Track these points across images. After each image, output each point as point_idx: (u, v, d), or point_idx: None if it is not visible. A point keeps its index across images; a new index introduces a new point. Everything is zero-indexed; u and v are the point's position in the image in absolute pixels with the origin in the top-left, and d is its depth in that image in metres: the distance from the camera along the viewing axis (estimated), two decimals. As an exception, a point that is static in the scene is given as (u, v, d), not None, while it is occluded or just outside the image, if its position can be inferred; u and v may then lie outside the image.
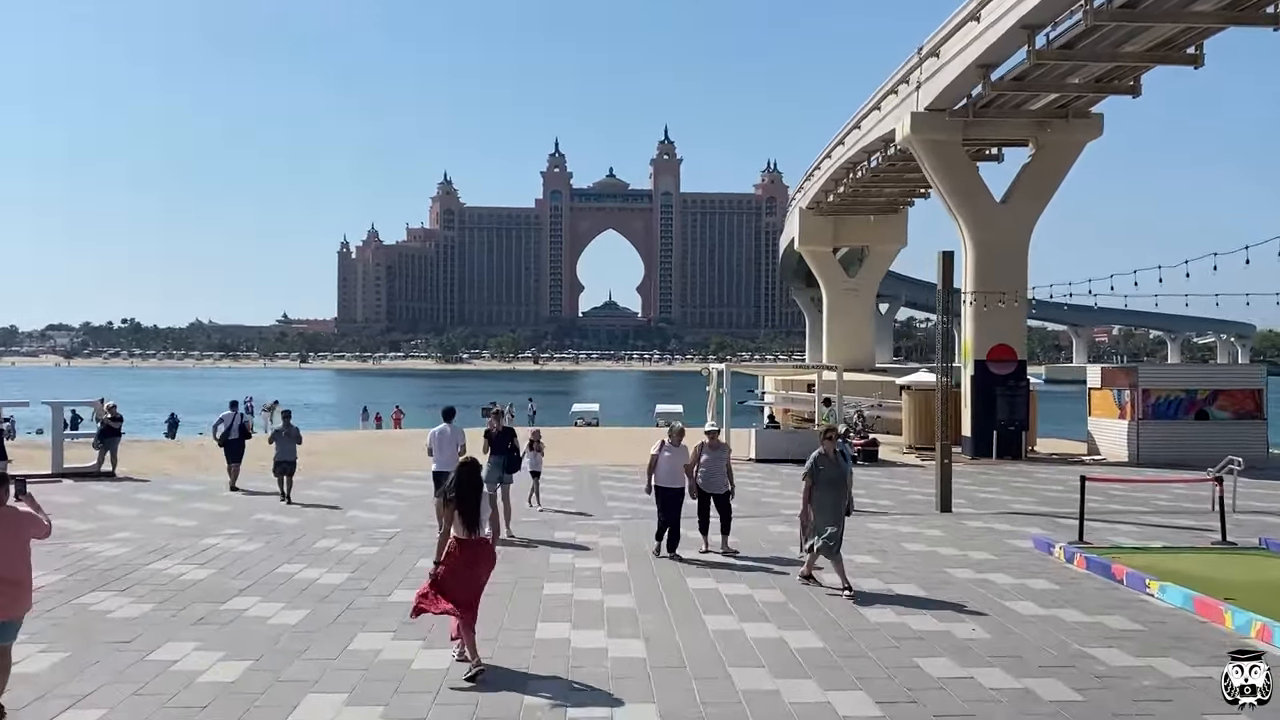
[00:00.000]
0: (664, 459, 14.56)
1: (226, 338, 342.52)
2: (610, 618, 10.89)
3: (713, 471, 14.65)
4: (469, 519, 9.03)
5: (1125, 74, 28.86)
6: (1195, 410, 31.74)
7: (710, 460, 14.66)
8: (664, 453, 14.59)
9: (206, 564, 13.85)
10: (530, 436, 20.51)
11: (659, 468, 14.56)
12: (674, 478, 14.52)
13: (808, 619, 10.93)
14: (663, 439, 14.78)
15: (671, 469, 14.54)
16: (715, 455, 14.73)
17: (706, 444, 14.72)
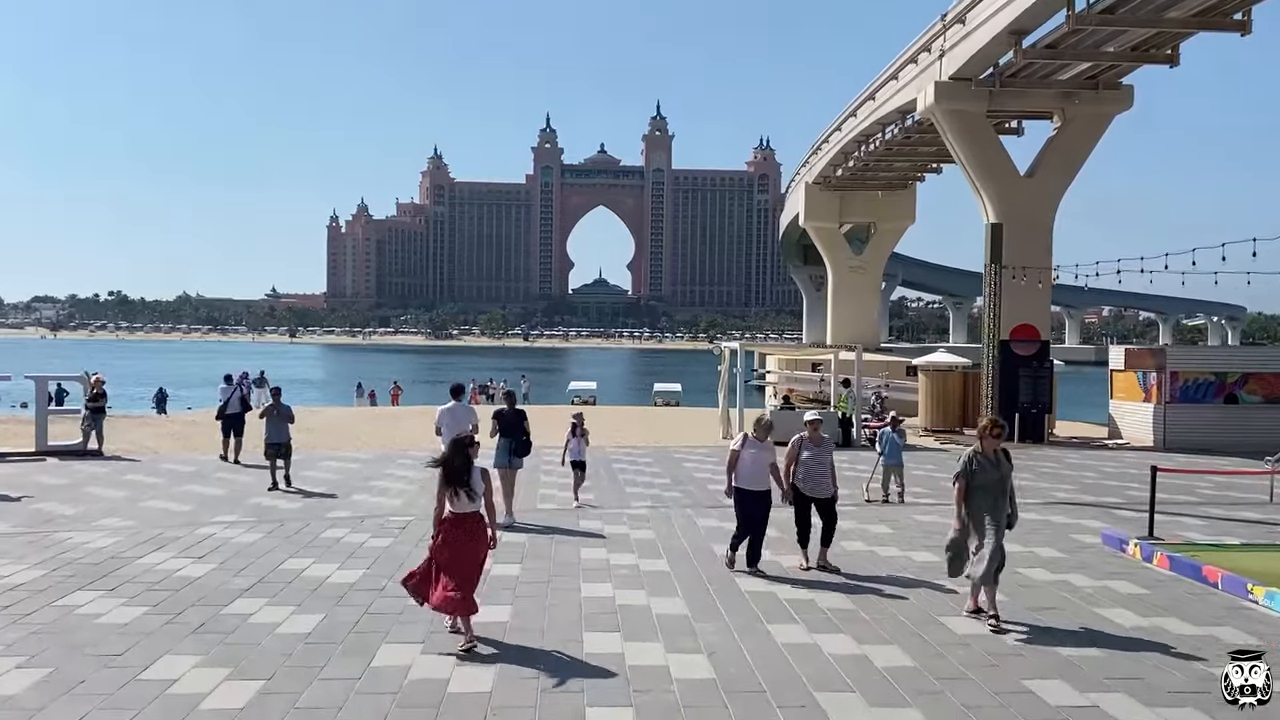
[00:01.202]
0: (747, 457, 12.16)
1: (215, 311, 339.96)
2: (664, 627, 9.68)
3: (815, 471, 12.38)
4: (461, 489, 9.15)
5: (1164, 42, 27.55)
6: (1224, 394, 30.66)
7: (812, 458, 12.37)
8: (747, 449, 12.19)
9: (204, 558, 12.58)
10: (573, 420, 18.14)
11: (741, 467, 12.18)
12: (759, 478, 12.15)
13: (886, 630, 9.73)
14: (745, 432, 12.50)
15: (756, 468, 12.13)
16: (818, 452, 12.42)
17: (806, 438, 12.44)
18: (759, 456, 12.20)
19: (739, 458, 12.19)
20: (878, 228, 58.76)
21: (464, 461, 9.26)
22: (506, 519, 15.33)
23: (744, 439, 12.34)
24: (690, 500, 18.21)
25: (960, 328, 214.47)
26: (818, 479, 12.39)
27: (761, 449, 12.23)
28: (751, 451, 12.19)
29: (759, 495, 12.16)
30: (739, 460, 12.19)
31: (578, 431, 17.92)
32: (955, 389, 35.75)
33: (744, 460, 12.17)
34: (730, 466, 12.25)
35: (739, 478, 12.16)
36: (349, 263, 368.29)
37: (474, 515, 9.22)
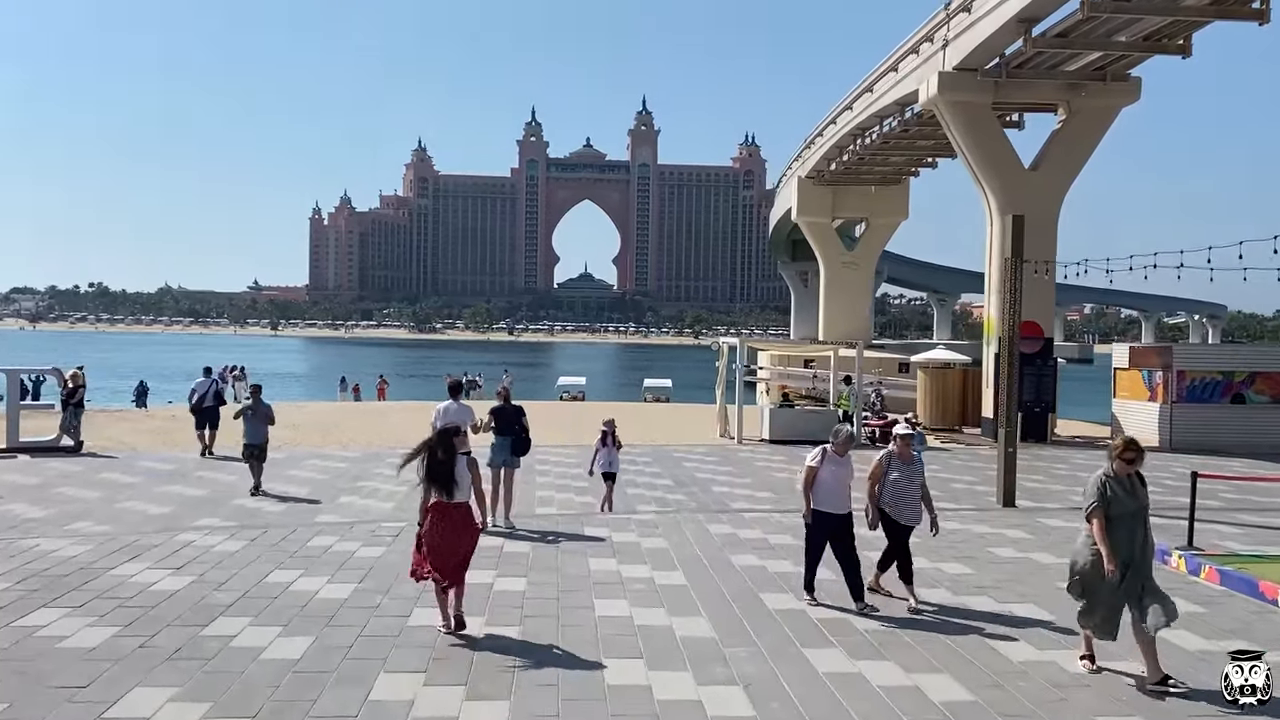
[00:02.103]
0: (827, 474, 10.41)
1: (196, 303, 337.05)
2: (690, 652, 8.80)
3: (905, 493, 10.53)
4: (445, 485, 9.18)
5: (1178, 31, 26.80)
6: (1232, 394, 30.01)
7: (903, 478, 10.53)
8: (827, 465, 10.42)
9: (183, 569, 11.61)
10: (603, 428, 16.81)
11: (820, 485, 10.44)
12: (840, 499, 10.45)
13: (934, 656, 8.88)
14: (824, 446, 10.60)
15: (837, 487, 10.44)
16: (909, 471, 10.57)
17: (894, 453, 10.66)
18: (840, 474, 10.47)
19: (818, 475, 10.46)
20: (871, 223, 58.02)
21: (448, 453, 9.27)
22: (505, 524, 14.45)
23: (822, 454, 10.49)
24: (697, 504, 17.35)
25: (944, 324, 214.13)
26: (907, 502, 10.58)
27: (842, 465, 10.49)
28: (832, 468, 10.42)
29: (840, 519, 10.48)
30: (819, 478, 10.45)
31: (609, 440, 16.56)
32: (955, 386, 35.07)
33: (823, 479, 10.41)
34: (808, 486, 10.50)
35: (818, 498, 10.45)
36: (331, 255, 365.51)
37: (461, 505, 9.30)
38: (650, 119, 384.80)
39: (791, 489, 19.49)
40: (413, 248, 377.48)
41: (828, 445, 10.57)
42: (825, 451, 10.52)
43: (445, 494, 9.18)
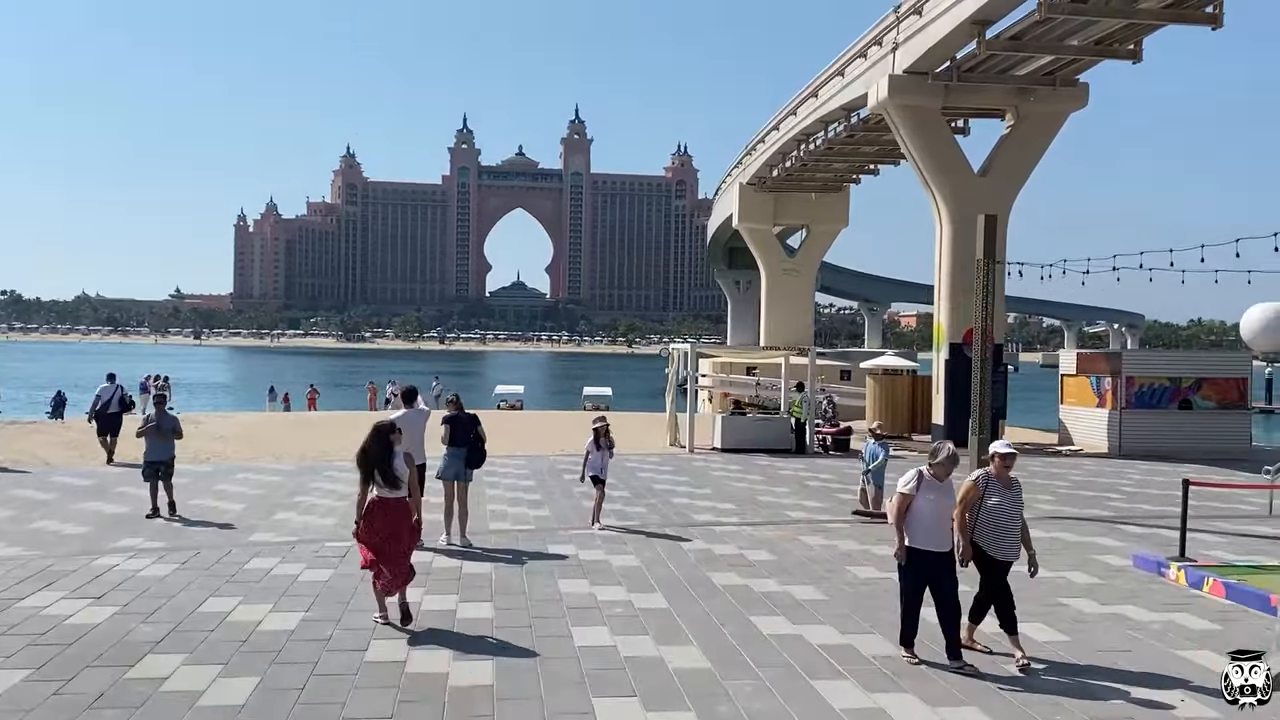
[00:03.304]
0: (925, 504, 8.52)
1: (115, 312, 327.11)
2: (689, 688, 7.86)
3: (1005, 522, 8.68)
4: (386, 478, 9.39)
5: (1130, 36, 26.70)
6: (1179, 399, 30.04)
7: (1004, 504, 8.71)
8: (925, 493, 8.53)
9: (104, 598, 10.36)
10: (595, 426, 15.16)
11: (915, 517, 8.53)
12: (940, 533, 8.54)
13: (957, 688, 8.08)
14: (919, 470, 8.69)
15: (937, 519, 8.52)
16: (1010, 496, 8.77)
17: (991, 475, 8.82)
18: (940, 504, 8.54)
19: (913, 505, 8.55)
20: (811, 230, 57.70)
21: (384, 449, 9.52)
22: (461, 542, 13.40)
23: (918, 478, 8.60)
24: (660, 517, 16.44)
25: (875, 333, 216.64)
26: (1007, 533, 8.69)
27: (942, 492, 8.59)
28: (930, 496, 8.52)
29: (941, 559, 8.56)
30: (914, 508, 8.54)
31: (601, 442, 15.07)
32: (904, 393, 34.72)
33: (920, 509, 8.52)
34: (900, 518, 8.57)
35: (913, 533, 8.55)
36: (257, 263, 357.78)
37: (398, 501, 9.49)
38: (583, 128, 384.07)
39: (753, 500, 18.73)
40: (341, 255, 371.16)
41: (923, 469, 8.68)
42: (921, 476, 8.62)
43: (385, 487, 9.40)
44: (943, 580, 8.56)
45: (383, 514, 9.41)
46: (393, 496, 9.45)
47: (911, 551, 8.59)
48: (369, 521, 9.39)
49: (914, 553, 8.59)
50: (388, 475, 9.42)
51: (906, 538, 8.58)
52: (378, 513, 9.42)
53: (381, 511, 9.42)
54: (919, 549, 8.58)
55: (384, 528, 9.35)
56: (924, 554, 8.58)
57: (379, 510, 9.42)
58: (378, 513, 9.42)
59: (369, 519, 9.41)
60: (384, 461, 9.44)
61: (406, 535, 9.53)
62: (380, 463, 9.42)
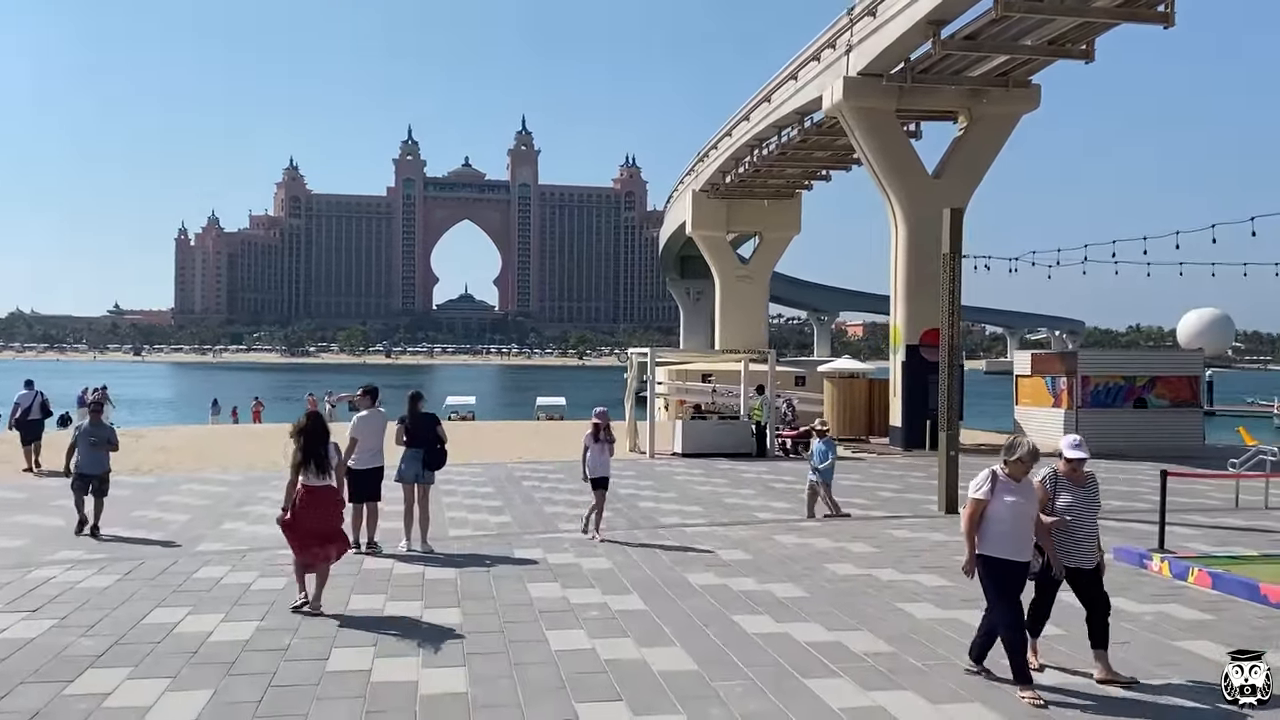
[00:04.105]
0: (1003, 508, 7.37)
1: (51, 329, 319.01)
2: (676, 690, 7.38)
3: (1079, 526, 7.74)
4: (319, 464, 9.57)
5: (1083, 35, 26.82)
6: (1134, 398, 30.23)
7: (1078, 506, 7.75)
8: (1002, 495, 7.39)
9: (39, 611, 9.64)
10: (594, 421, 13.97)
11: (991, 523, 7.41)
12: (1021, 540, 7.43)
13: (956, 684, 7.69)
14: (991, 470, 7.55)
15: (1015, 525, 7.37)
16: (1084, 496, 7.82)
17: (1061, 473, 7.82)
18: (1020, 507, 7.37)
19: (989, 510, 7.41)
20: (764, 237, 57.70)
21: (321, 432, 9.75)
22: (423, 548, 12.80)
23: (991, 480, 7.45)
24: (627, 521, 15.99)
25: (824, 342, 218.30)
26: (1082, 538, 7.74)
27: (1021, 494, 7.42)
28: (1009, 499, 7.37)
29: (1021, 569, 7.47)
30: (990, 514, 7.41)
31: (601, 436, 13.80)
32: (861, 397, 34.61)
33: (998, 513, 7.37)
34: (973, 525, 7.45)
35: (988, 539, 7.40)
36: (198, 277, 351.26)
37: (325, 488, 9.70)
38: (530, 139, 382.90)
39: (719, 503, 18.33)
40: (284, 269, 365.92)
41: (996, 468, 7.50)
42: (995, 476, 7.46)
43: (316, 473, 9.56)
44: (1009, 588, 7.40)
45: (310, 500, 9.53)
46: (320, 484, 9.62)
47: (989, 561, 7.39)
48: (299, 508, 9.51)
49: (989, 562, 7.40)
50: (321, 461, 9.60)
51: (980, 546, 7.42)
52: (306, 500, 9.53)
53: (309, 498, 9.54)
54: (998, 558, 7.37)
55: (312, 514, 9.49)
56: (1002, 564, 7.37)
57: (307, 497, 9.54)
58: (306, 500, 9.53)
59: (299, 505, 9.52)
60: (320, 446, 9.63)
61: (335, 519, 9.79)
62: (316, 447, 9.60)
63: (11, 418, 23.15)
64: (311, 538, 9.50)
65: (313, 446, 9.62)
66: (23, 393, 23.20)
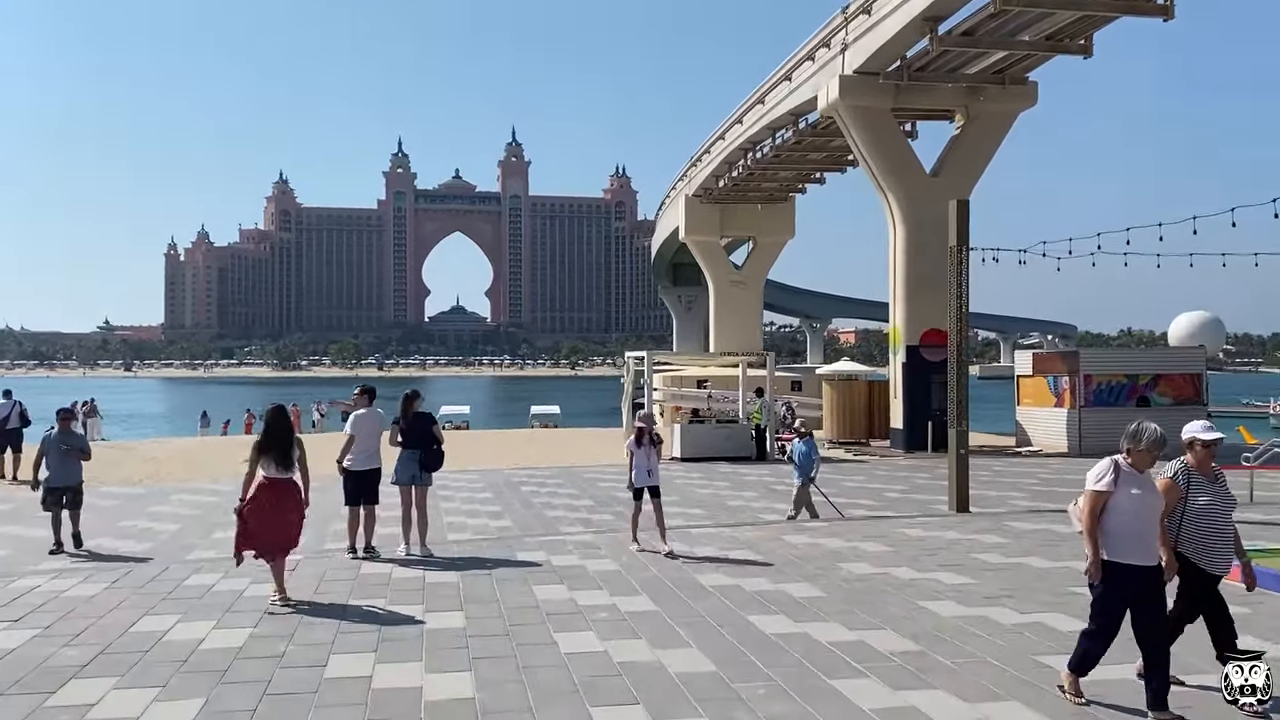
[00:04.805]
0: (1125, 500, 6.37)
1: (41, 345, 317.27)
2: (696, 692, 6.98)
3: (1216, 525, 6.73)
4: (281, 458, 9.64)
5: (1080, 30, 26.57)
6: (1136, 397, 29.93)
7: (1215, 503, 6.75)
8: (1125, 489, 6.39)
9: (22, 620, 9.20)
10: (638, 424, 12.86)
11: (1114, 518, 6.39)
12: (1147, 541, 6.44)
13: (992, 681, 7.30)
14: (1113, 459, 6.54)
15: (1141, 522, 6.39)
16: (1219, 493, 6.82)
17: (1191, 466, 6.80)
18: (1147, 501, 6.41)
19: (1112, 505, 6.40)
20: (758, 242, 57.34)
21: (286, 426, 9.93)
22: (422, 551, 12.38)
23: (1114, 471, 6.46)
24: (628, 522, 15.51)
25: (816, 349, 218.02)
26: (1219, 539, 6.75)
27: (1146, 487, 6.45)
28: (1135, 492, 6.38)
29: (1149, 574, 6.46)
30: (1112, 508, 6.40)
31: (644, 440, 12.62)
32: (861, 399, 34.26)
33: (1121, 508, 6.37)
34: (1095, 522, 6.41)
35: (1109, 541, 6.40)
36: (188, 292, 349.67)
37: (287, 482, 9.72)
38: (520, 150, 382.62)
39: (722, 505, 17.95)
40: (275, 283, 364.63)
41: (1119, 457, 6.52)
42: (1118, 467, 6.47)
43: (279, 466, 9.62)
44: (1150, 602, 6.44)
45: (272, 493, 9.60)
46: (282, 477, 9.68)
47: (1112, 567, 6.40)
48: (256, 500, 9.54)
49: (1114, 568, 6.39)
50: (286, 455, 9.68)
51: (1102, 549, 6.43)
52: (267, 492, 9.59)
53: (271, 491, 9.60)
54: (1121, 563, 6.38)
55: (270, 507, 9.53)
56: (1129, 570, 6.37)
57: (269, 490, 9.61)
58: (267, 492, 9.59)
59: (256, 498, 9.55)
60: (285, 440, 9.72)
61: (295, 514, 9.80)
62: (281, 441, 9.69)
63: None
64: (265, 531, 9.49)
65: (275, 437, 9.69)
66: (1, 402, 23.03)
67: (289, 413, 10.27)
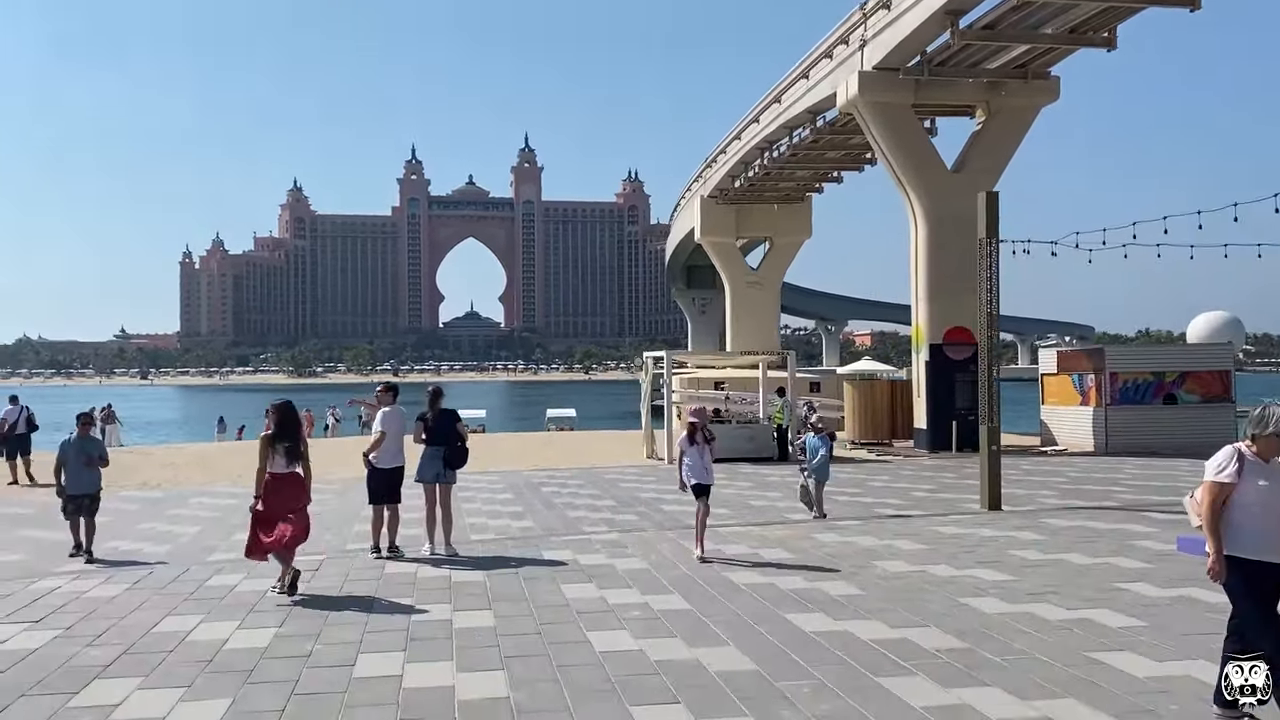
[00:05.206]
0: (1251, 491, 5.84)
1: (59, 354, 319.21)
2: (739, 691, 6.72)
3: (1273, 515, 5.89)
4: (290, 453, 10.04)
5: (1104, 23, 26.21)
6: (1163, 394, 29.49)
7: (1273, 489, 5.88)
8: (1251, 479, 5.83)
9: (44, 621, 9.02)
10: (691, 420, 12.03)
11: (1238, 512, 5.88)
12: (1274, 538, 5.85)
13: (1044, 677, 7.02)
14: (1235, 447, 5.97)
15: (1268, 517, 5.83)
16: None
17: (1243, 453, 5.96)
18: (1274, 493, 5.83)
19: (1236, 498, 5.87)
20: (774, 242, 57.07)
21: (296, 420, 10.32)
22: (447, 551, 12.15)
23: (1237, 460, 5.88)
24: (652, 524, 15.30)
25: (833, 352, 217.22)
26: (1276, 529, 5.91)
27: (1276, 477, 5.84)
28: (1262, 483, 5.83)
29: (1275, 571, 5.85)
30: (1236, 502, 5.87)
31: (698, 437, 11.88)
32: (883, 399, 33.88)
33: (1246, 501, 5.85)
34: (1215, 516, 5.89)
35: (1236, 537, 5.87)
36: (204, 300, 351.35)
37: (291, 476, 10.11)
38: (533, 156, 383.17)
39: (746, 505, 17.66)
40: (290, 290, 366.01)
41: (1241, 446, 5.94)
42: (1241, 456, 5.88)
43: (286, 459, 10.01)
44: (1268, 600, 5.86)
45: (278, 487, 9.98)
46: (287, 471, 10.04)
47: (1237, 563, 5.85)
48: (266, 496, 9.94)
49: (1240, 564, 5.84)
50: (293, 450, 10.06)
51: (1225, 544, 5.89)
52: (274, 487, 9.98)
53: (276, 485, 9.98)
54: (1249, 559, 5.82)
55: (280, 499, 9.92)
56: (1256, 566, 5.81)
57: (274, 484, 9.99)
58: (274, 487, 9.98)
59: (266, 492, 9.96)
60: (293, 436, 10.10)
61: (301, 504, 10.11)
62: (290, 437, 10.06)
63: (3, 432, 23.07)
64: (276, 523, 9.85)
65: (283, 431, 10.04)
66: (9, 408, 23.32)
67: (294, 406, 10.51)
